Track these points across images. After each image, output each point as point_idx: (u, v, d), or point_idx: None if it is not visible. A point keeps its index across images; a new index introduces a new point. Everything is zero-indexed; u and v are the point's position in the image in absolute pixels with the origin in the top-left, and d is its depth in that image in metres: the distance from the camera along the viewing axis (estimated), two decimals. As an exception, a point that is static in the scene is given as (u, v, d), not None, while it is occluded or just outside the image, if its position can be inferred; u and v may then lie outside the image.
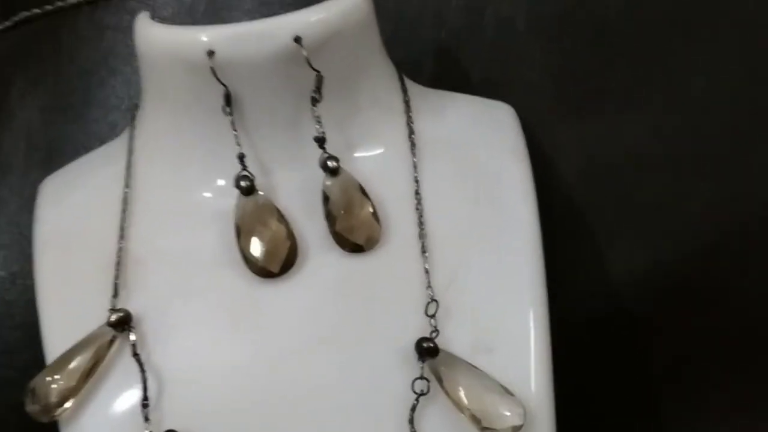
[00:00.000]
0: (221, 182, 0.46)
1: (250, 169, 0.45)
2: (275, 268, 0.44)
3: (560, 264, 0.47)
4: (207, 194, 0.47)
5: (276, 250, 0.44)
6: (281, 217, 0.45)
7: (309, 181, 0.45)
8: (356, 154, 0.47)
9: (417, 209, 0.46)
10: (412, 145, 0.48)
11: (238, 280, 0.45)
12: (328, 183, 0.45)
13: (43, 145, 0.56)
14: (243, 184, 0.45)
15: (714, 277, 0.52)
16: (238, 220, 0.45)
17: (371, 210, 0.45)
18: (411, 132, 0.48)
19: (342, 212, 0.45)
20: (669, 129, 0.53)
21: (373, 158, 0.48)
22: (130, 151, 0.48)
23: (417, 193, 0.47)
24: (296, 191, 0.46)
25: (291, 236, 0.45)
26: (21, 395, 0.44)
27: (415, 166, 0.47)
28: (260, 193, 0.45)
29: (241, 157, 0.45)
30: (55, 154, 0.55)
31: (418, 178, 0.47)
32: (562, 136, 0.54)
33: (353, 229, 0.45)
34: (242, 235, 0.45)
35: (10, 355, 0.53)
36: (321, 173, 0.45)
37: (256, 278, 0.45)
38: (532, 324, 0.44)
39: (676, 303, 0.52)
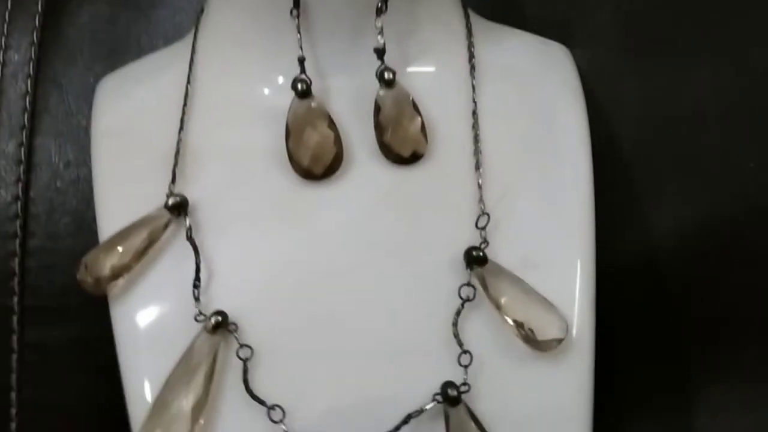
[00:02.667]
0: (281, 80, 0.47)
1: (308, 73, 0.45)
2: (318, 171, 0.45)
3: (604, 210, 0.47)
4: (266, 91, 0.47)
5: (321, 153, 0.45)
6: (331, 122, 0.45)
7: (364, 91, 0.46)
8: (412, 69, 0.48)
9: (473, 128, 0.47)
10: (472, 67, 0.48)
11: (286, 179, 0.46)
12: (382, 93, 0.46)
13: (107, 41, 0.56)
14: (299, 86, 0.45)
15: (757, 241, 0.52)
16: (290, 121, 0.45)
17: (420, 125, 0.46)
18: (471, 55, 0.49)
19: (391, 124, 0.45)
20: (727, 91, 0.53)
21: (431, 75, 0.48)
22: (194, 51, 0.49)
23: (474, 113, 0.47)
24: (350, 99, 0.46)
25: (338, 141, 0.45)
26: (64, 279, 0.46)
27: (473, 87, 0.48)
28: (314, 97, 0.46)
29: (301, 61, 0.45)
30: (119, 51, 0.56)
31: (475, 97, 0.48)
32: (621, 86, 0.54)
33: (400, 141, 0.46)
34: (291, 135, 0.45)
35: (58, 240, 0.54)
36: (376, 84, 0.46)
37: (303, 180, 0.45)
38: (578, 250, 0.45)
39: (719, 262, 0.52)
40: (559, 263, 0.45)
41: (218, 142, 0.47)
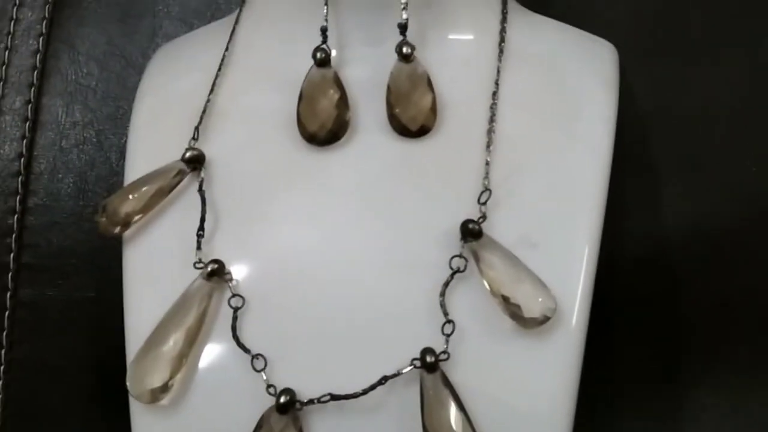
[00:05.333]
0: (307, 50, 0.47)
1: (331, 44, 0.47)
2: (322, 136, 0.46)
3: (615, 199, 0.47)
4: (294, 60, 0.48)
5: (327, 119, 0.46)
6: (342, 91, 0.46)
7: (382, 65, 0.47)
8: (438, 42, 0.48)
9: (491, 108, 0.47)
10: (500, 50, 0.49)
11: (294, 144, 0.47)
12: (398, 67, 0.46)
13: (122, 3, 0.57)
14: (318, 55, 0.46)
15: (756, 241, 0.52)
16: (304, 87, 0.47)
17: (431, 101, 0.46)
18: (501, 39, 0.49)
19: (402, 98, 0.46)
20: (740, 88, 0.53)
21: (458, 47, 0.49)
22: (237, 22, 0.51)
23: (495, 93, 0.48)
24: (368, 71, 0.47)
25: (344, 108, 0.46)
26: (62, 239, 0.50)
27: (498, 69, 0.48)
28: (332, 67, 0.47)
29: (323, 31, 0.46)
30: (133, 14, 0.57)
31: (498, 81, 0.48)
32: (634, 77, 0.54)
33: (409, 116, 0.46)
34: (303, 101, 0.46)
35: (58, 200, 0.55)
36: (395, 59, 0.47)
37: (309, 145, 0.47)
38: (582, 235, 0.45)
39: (725, 257, 0.52)
40: (560, 245, 0.44)
41: (243, 105, 0.49)
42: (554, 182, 0.46)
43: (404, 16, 0.46)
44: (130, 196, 0.46)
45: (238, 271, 0.45)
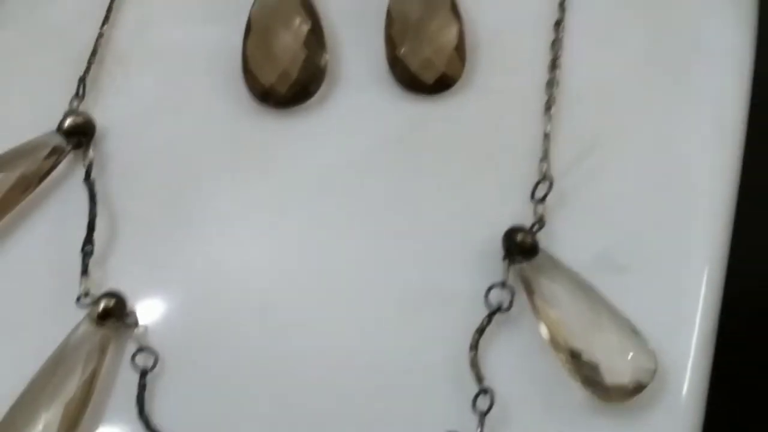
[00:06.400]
0: None
1: None
2: (284, 91, 0.45)
3: (751, 198, 0.47)
4: None
5: (290, 65, 0.45)
6: (316, 22, 0.46)
7: None
8: None
9: (553, 47, 0.47)
10: None
11: (242, 101, 0.46)
12: None
13: None
14: None
15: None
16: (253, 14, 0.46)
17: (458, 35, 0.46)
18: None
19: (411, 30, 0.45)
20: None
21: None
22: None
23: (559, 23, 0.47)
24: None
25: (318, 47, 0.45)
26: None
27: None
28: None
29: None
30: None
31: (566, 2, 0.47)
32: None
33: (422, 59, 0.45)
34: (251, 36, 0.46)
35: None
36: None
37: (264, 107, 0.46)
38: (701, 251, 0.44)
39: None
40: (663, 269, 0.44)
41: (155, 42, 0.48)
42: (655, 169, 0.45)
43: None
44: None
45: (146, 310, 0.44)
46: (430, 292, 0.44)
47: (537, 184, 0.44)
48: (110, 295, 0.44)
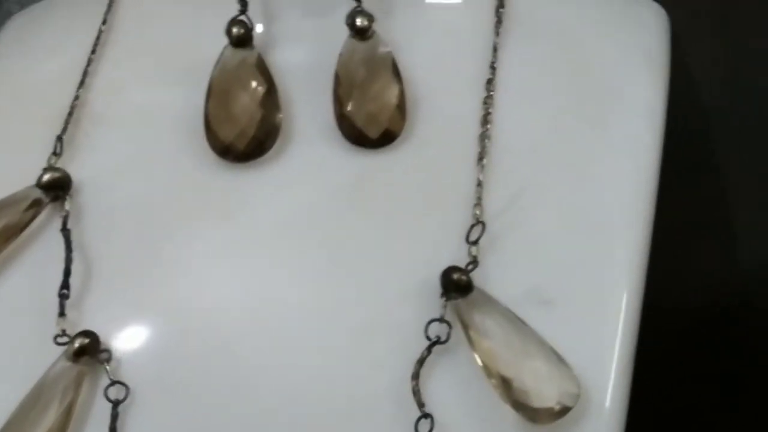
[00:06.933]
0: (218, 26, 0.47)
1: (251, 14, 0.46)
2: (242, 148, 0.46)
3: (665, 227, 0.47)
4: (200, 39, 0.48)
5: (248, 124, 0.46)
6: (271, 84, 0.46)
7: (328, 44, 0.47)
8: (409, 7, 0.48)
9: (485, 103, 0.47)
10: (498, 17, 0.49)
11: (205, 158, 0.47)
12: (350, 48, 0.46)
13: None
14: (235, 30, 0.46)
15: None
16: (214, 78, 0.46)
17: (399, 95, 0.46)
18: (500, 4, 0.49)
19: (357, 90, 0.46)
20: None
21: (437, 14, 0.49)
22: None
23: (490, 81, 0.47)
24: (307, 54, 0.48)
25: (273, 107, 0.46)
26: None
27: (495, 46, 0.48)
28: (256, 47, 0.46)
29: None
30: None
31: (496, 63, 0.48)
32: (692, 51, 0.55)
33: (367, 116, 0.46)
34: (212, 97, 0.46)
35: None
36: (346, 34, 0.46)
37: (224, 162, 0.46)
38: (619, 282, 0.45)
39: None
40: (585, 301, 0.44)
41: (127, 103, 0.49)
42: (577, 212, 0.46)
43: (358, -31, 0.44)
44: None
45: (119, 347, 0.45)
46: (375, 325, 0.44)
47: (471, 227, 0.45)
48: (85, 334, 0.44)
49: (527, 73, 0.48)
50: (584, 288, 0.45)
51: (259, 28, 0.47)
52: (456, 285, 0.43)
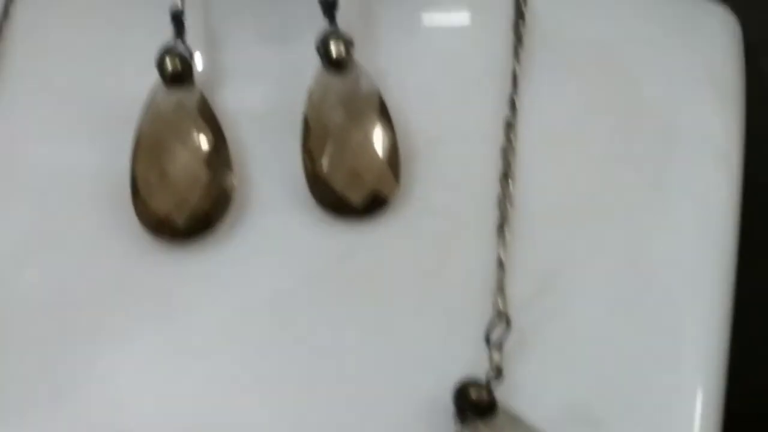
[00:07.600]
0: (141, 58, 0.44)
1: (191, 41, 0.43)
2: (182, 223, 0.42)
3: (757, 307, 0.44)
4: (117, 77, 0.46)
5: (190, 190, 0.42)
6: (218, 133, 0.43)
7: (293, 79, 0.44)
8: (400, 29, 0.45)
9: (504, 153, 0.43)
10: (517, 37, 0.45)
11: (133, 233, 0.43)
12: (323, 83, 0.43)
13: None
14: (169, 64, 0.43)
15: None
16: (142, 130, 0.43)
17: (388, 148, 0.43)
18: (519, 17, 0.46)
19: (333, 140, 0.43)
20: None
21: (438, 37, 0.46)
22: (6, 15, 0.48)
23: (509, 124, 0.44)
24: (268, 94, 0.45)
25: (224, 168, 0.43)
26: None
27: (514, 76, 0.45)
28: (197, 86, 0.43)
29: (177, 16, 0.43)
30: None
31: (516, 98, 0.44)
32: None
33: (347, 175, 0.43)
34: (140, 155, 0.43)
35: None
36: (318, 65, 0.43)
37: (158, 241, 0.43)
38: (687, 391, 0.41)
39: None
40: (648, 418, 0.41)
41: (24, 160, 0.46)
42: (630, 292, 0.42)
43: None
44: None
45: None
46: None
47: (491, 323, 0.41)
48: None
49: (557, 111, 0.45)
50: (642, 402, 0.41)
51: (200, 59, 0.44)
52: (475, 406, 0.40)
